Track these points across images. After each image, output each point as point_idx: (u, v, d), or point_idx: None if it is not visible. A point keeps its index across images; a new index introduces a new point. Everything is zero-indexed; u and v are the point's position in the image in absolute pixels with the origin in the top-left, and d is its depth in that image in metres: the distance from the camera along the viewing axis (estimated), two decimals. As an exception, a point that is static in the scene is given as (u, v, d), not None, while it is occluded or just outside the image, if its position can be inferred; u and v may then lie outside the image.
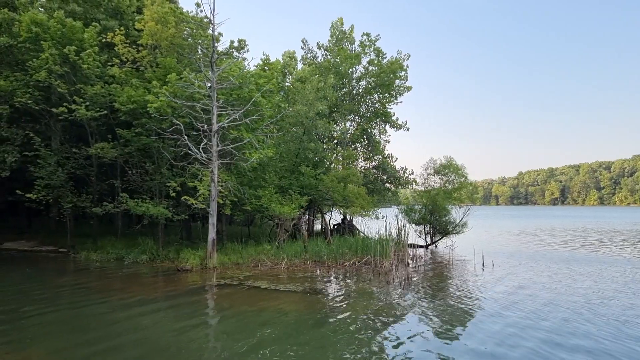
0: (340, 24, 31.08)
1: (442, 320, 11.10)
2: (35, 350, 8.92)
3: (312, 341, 9.52)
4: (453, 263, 21.72)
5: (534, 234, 41.66)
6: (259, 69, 24.84)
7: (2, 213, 32.42)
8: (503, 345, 9.18)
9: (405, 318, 11.39)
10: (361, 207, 24.36)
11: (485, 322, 10.86)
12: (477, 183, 34.35)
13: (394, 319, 11.26)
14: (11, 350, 8.90)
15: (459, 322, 10.93)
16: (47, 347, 9.11)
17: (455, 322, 10.98)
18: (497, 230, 47.26)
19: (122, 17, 27.39)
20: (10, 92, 22.34)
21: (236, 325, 10.70)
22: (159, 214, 20.34)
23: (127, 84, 22.44)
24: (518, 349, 8.92)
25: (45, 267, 20.37)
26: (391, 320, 11.20)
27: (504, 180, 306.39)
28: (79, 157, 23.95)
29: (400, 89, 30.80)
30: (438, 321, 11.06)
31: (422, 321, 11.10)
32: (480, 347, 9.02)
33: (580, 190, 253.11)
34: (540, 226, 54.17)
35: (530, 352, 8.78)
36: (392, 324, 10.81)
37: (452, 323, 10.87)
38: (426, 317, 11.52)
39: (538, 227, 52.83)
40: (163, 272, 18.54)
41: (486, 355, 8.62)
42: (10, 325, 10.58)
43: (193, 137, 20.47)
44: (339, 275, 18.31)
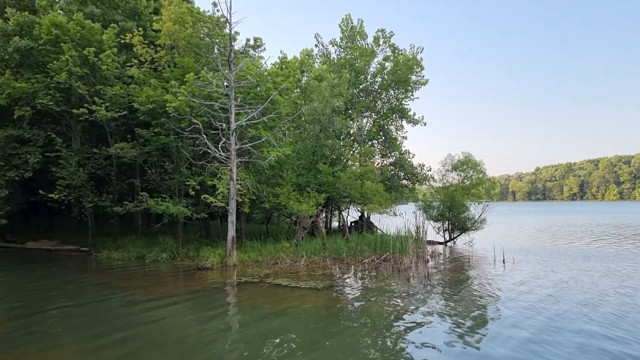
0: (349, 21, 30.97)
1: (464, 319, 10.95)
2: (60, 345, 9.09)
3: (332, 337, 9.51)
4: (473, 260, 21.54)
5: (554, 229, 41.12)
6: (276, 67, 24.88)
7: (25, 213, 32.93)
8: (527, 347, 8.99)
9: (426, 315, 11.29)
10: (379, 204, 24.27)
11: (508, 322, 10.66)
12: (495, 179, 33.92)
13: (414, 316, 11.19)
14: (37, 344, 9.07)
15: (481, 321, 10.79)
16: (70, 342, 9.27)
17: (477, 321, 10.85)
18: (516, 226, 46.74)
19: (140, 18, 27.64)
20: (32, 94, 22.72)
21: (257, 322, 10.74)
22: (179, 212, 20.50)
23: (145, 84, 22.65)
24: (544, 351, 8.72)
25: (67, 265, 20.66)
26: (412, 317, 11.13)
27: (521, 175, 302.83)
28: (99, 157, 24.28)
29: (417, 84, 30.61)
30: (460, 319, 10.92)
31: (444, 319, 10.98)
32: (503, 348, 8.89)
33: (599, 185, 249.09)
34: (559, 222, 53.44)
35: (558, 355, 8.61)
36: (412, 322, 10.74)
37: (474, 322, 10.73)
38: (447, 314, 11.40)
39: (557, 222, 52.12)
40: (184, 270, 18.69)
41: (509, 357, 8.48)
42: (36, 321, 10.77)
43: (211, 136, 20.58)
44: (358, 272, 18.28)
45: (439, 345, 9.01)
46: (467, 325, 10.40)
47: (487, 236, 30.43)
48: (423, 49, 30.20)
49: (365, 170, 25.43)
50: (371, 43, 30.62)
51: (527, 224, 50.96)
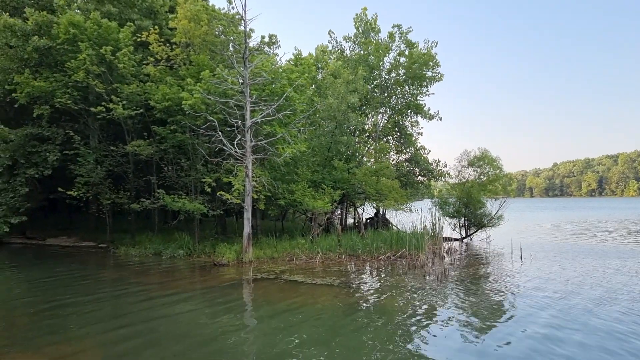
0: (364, 15, 30.74)
1: (482, 316, 10.84)
2: (78, 338, 9.22)
3: (348, 334, 9.50)
4: (490, 256, 21.35)
5: (572, 226, 40.61)
6: (290, 63, 24.88)
7: (45, 210, 33.47)
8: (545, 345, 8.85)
9: (443, 312, 11.21)
10: (394, 200, 24.16)
11: (526, 319, 10.53)
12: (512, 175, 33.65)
13: (430, 313, 11.13)
14: (57, 337, 9.24)
15: (498, 318, 10.66)
16: (89, 335, 9.39)
17: (495, 317, 10.72)
18: (534, 222, 46.24)
19: (156, 16, 27.83)
20: (51, 93, 23.05)
21: (273, 318, 10.77)
22: (195, 209, 20.64)
23: (161, 82, 22.82)
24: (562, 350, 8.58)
25: (86, 261, 20.94)
26: (428, 314, 11.07)
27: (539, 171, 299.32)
28: (116, 155, 24.56)
29: (432, 80, 30.35)
30: (477, 316, 10.82)
31: (460, 316, 10.89)
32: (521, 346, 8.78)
33: (618, 180, 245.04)
34: (578, 218, 52.74)
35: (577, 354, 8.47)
36: (428, 318, 10.68)
37: (491, 319, 10.62)
38: (464, 311, 11.31)
39: (576, 219, 51.44)
40: (200, 267, 18.83)
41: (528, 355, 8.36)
42: (56, 315, 10.94)
43: (227, 133, 20.67)
44: (374, 268, 18.24)
45: (456, 343, 8.93)
46: (484, 322, 10.30)
47: (504, 233, 30.14)
48: (437, 43, 29.91)
49: (380, 166, 25.33)
50: (386, 38, 30.40)
51: (544, 220, 50.38)
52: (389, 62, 30.48)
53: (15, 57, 24.16)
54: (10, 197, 23.91)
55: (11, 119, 25.61)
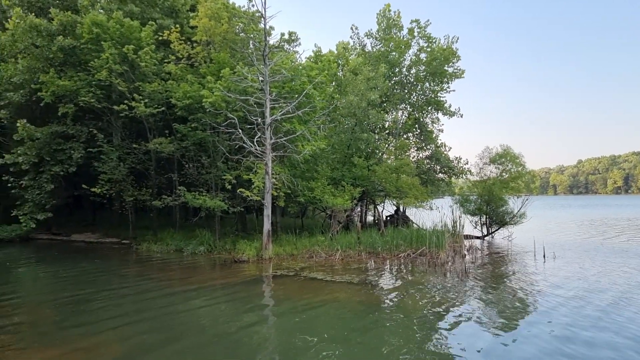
0: (387, 11, 30.49)
1: (503, 316, 10.68)
2: (102, 332, 9.40)
3: (367, 332, 9.48)
4: (512, 254, 21.07)
5: (598, 224, 39.78)
6: (310, 61, 24.88)
7: (69, 207, 34.13)
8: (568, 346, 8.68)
9: (463, 311, 11.10)
10: (415, 198, 24.00)
11: (548, 319, 10.35)
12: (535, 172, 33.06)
13: (451, 312, 11.01)
14: (82, 331, 9.41)
15: (520, 318, 10.50)
16: (112, 329, 9.57)
17: (517, 317, 10.57)
18: (558, 220, 45.44)
19: (177, 15, 28.09)
20: (75, 92, 23.47)
21: (292, 315, 10.80)
22: (216, 206, 20.80)
23: (182, 80, 23.05)
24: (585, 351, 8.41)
25: (110, 257, 21.29)
26: (448, 312, 10.96)
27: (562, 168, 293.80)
28: (138, 152, 24.90)
29: (453, 76, 30.00)
30: (498, 316, 10.68)
31: (481, 314, 10.77)
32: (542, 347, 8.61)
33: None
34: (602, 216, 51.63)
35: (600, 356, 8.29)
36: (449, 317, 10.58)
37: (513, 318, 10.47)
38: (486, 311, 11.17)
39: (601, 217, 50.36)
40: (221, 263, 18.99)
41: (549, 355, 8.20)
42: (81, 310, 11.16)
43: (247, 131, 20.77)
44: (393, 266, 18.16)
45: (476, 342, 8.84)
46: (505, 321, 10.16)
47: (527, 231, 29.70)
48: (458, 39, 29.54)
49: (400, 163, 25.18)
50: (406, 34, 30.15)
51: (568, 218, 49.46)
52: (409, 59, 30.24)
53: (40, 56, 24.65)
54: (36, 193, 24.47)
55: (37, 117, 26.15)
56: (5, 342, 8.80)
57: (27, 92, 24.90)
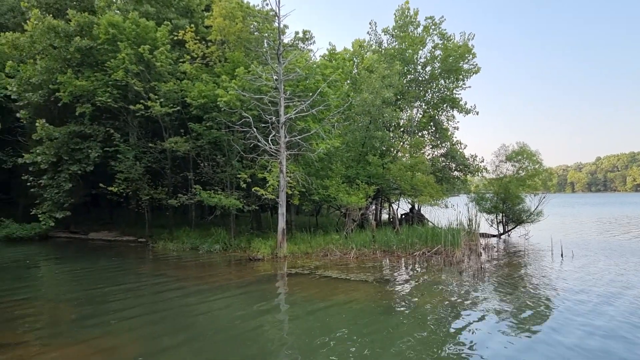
0: (405, 9, 30.31)
1: (520, 316, 10.53)
2: (119, 331, 9.46)
3: (382, 331, 9.44)
4: (529, 253, 20.85)
5: (617, 222, 39.16)
6: (324, 59, 24.86)
7: (87, 205, 34.53)
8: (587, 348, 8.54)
9: (479, 310, 10.99)
10: (430, 196, 23.88)
11: (567, 319, 10.19)
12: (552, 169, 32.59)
13: (466, 311, 10.93)
14: (99, 331, 9.49)
15: (537, 318, 10.37)
16: (129, 329, 9.66)
17: (534, 317, 10.43)
18: (575, 218, 44.83)
19: (192, 15, 28.27)
20: (92, 92, 23.76)
21: (307, 314, 10.80)
22: (231, 205, 20.90)
23: (197, 80, 23.20)
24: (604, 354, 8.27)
25: (127, 255, 21.51)
26: (464, 312, 10.88)
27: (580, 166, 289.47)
28: (154, 151, 25.14)
29: (468, 72, 29.77)
30: (515, 316, 10.54)
31: (497, 314, 10.65)
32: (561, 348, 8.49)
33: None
34: (623, 214, 50.78)
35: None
36: (465, 316, 10.49)
37: (529, 318, 10.34)
38: (502, 310, 11.04)
39: (621, 215, 49.55)
40: (236, 261, 19.08)
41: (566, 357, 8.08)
42: (98, 309, 11.28)
43: (261, 129, 20.84)
44: (408, 265, 18.08)
45: (492, 344, 8.74)
46: (522, 321, 10.05)
47: (544, 229, 29.36)
48: (474, 36, 29.33)
49: (415, 161, 25.07)
50: (420, 32, 29.94)
51: (586, 216, 48.77)
52: (424, 56, 30.06)
53: (58, 57, 24.97)
54: (55, 192, 24.84)
55: (55, 117, 26.51)
56: (25, 340, 8.94)
57: (45, 92, 25.24)
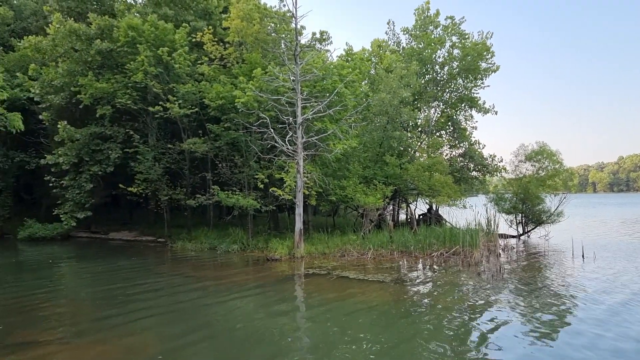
0: (426, 9, 30.10)
1: (539, 316, 10.41)
2: (139, 331, 9.60)
3: (400, 331, 9.42)
4: (549, 254, 20.56)
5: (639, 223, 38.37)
6: (342, 59, 24.85)
7: (107, 206, 34.99)
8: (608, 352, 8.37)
9: (498, 311, 10.87)
10: (448, 196, 23.71)
11: (588, 322, 10.00)
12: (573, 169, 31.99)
13: (485, 313, 10.81)
14: (119, 330, 9.64)
15: (558, 320, 10.19)
16: (148, 328, 9.79)
17: (554, 319, 10.26)
18: (597, 219, 44.03)
19: (210, 17, 28.50)
20: (112, 94, 24.14)
21: (324, 313, 10.83)
22: (248, 205, 21.02)
23: (215, 81, 23.37)
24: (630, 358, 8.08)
25: (146, 255, 21.78)
26: (483, 314, 10.76)
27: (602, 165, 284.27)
28: (173, 152, 25.41)
29: (487, 71, 29.47)
30: (534, 317, 10.41)
31: (517, 316, 10.52)
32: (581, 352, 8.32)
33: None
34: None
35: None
36: (483, 318, 10.38)
37: (550, 320, 10.17)
38: (521, 311, 10.91)
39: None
40: (253, 261, 19.19)
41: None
42: (118, 308, 11.46)
43: (279, 130, 20.91)
44: (426, 265, 17.98)
45: (511, 344, 8.65)
46: (542, 323, 9.91)
47: (565, 229, 28.90)
48: (493, 34, 29.01)
49: (433, 161, 24.92)
50: (439, 32, 29.72)
51: (608, 216, 47.86)
52: (442, 56, 29.83)
53: (79, 60, 25.41)
54: (76, 193, 25.29)
55: (77, 119, 26.96)
56: (48, 337, 9.11)
57: (67, 94, 25.71)
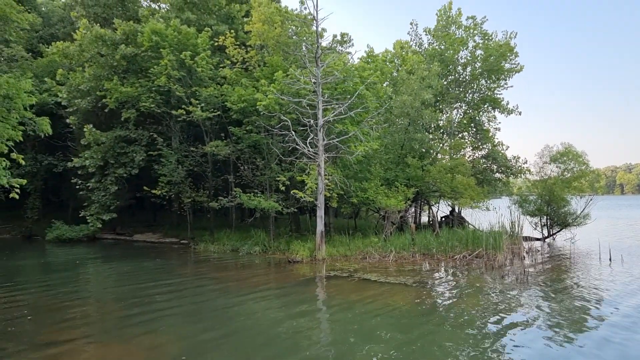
0: (448, 9, 29.87)
1: (564, 321, 10.23)
2: (161, 331, 9.73)
3: (423, 335, 9.35)
4: (574, 257, 20.17)
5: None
6: (363, 61, 24.83)
7: (132, 208, 35.56)
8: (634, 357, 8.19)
9: (522, 315, 10.72)
10: (470, 198, 23.44)
11: (614, 327, 9.80)
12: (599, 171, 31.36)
13: (509, 316, 10.68)
14: (142, 329, 9.80)
15: (583, 324, 10.01)
16: (170, 328, 9.93)
17: (579, 323, 10.08)
18: (625, 221, 43.00)
19: (233, 21, 28.77)
20: (136, 98, 24.54)
21: (346, 315, 10.81)
22: (270, 207, 21.12)
23: (237, 84, 23.59)
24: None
25: (170, 257, 22.06)
26: (506, 317, 10.62)
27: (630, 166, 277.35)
28: (195, 155, 25.71)
29: (510, 72, 29.09)
30: (559, 321, 10.23)
31: (541, 320, 10.35)
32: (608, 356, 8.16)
33: None
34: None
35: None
36: (506, 322, 10.23)
37: (575, 325, 10.00)
38: (545, 315, 10.73)
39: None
40: (275, 263, 19.28)
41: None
42: (142, 308, 11.64)
43: (300, 133, 20.99)
44: (449, 268, 17.81)
45: (535, 349, 8.53)
46: (567, 328, 9.73)
47: (591, 232, 28.32)
48: (517, 34, 28.64)
49: (455, 163, 24.69)
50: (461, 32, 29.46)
51: (637, 219, 46.68)
52: (464, 57, 29.56)
53: (105, 64, 25.93)
54: (102, 195, 25.77)
55: (102, 123, 27.51)
56: (74, 336, 9.32)
57: (93, 98, 26.24)
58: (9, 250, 24.74)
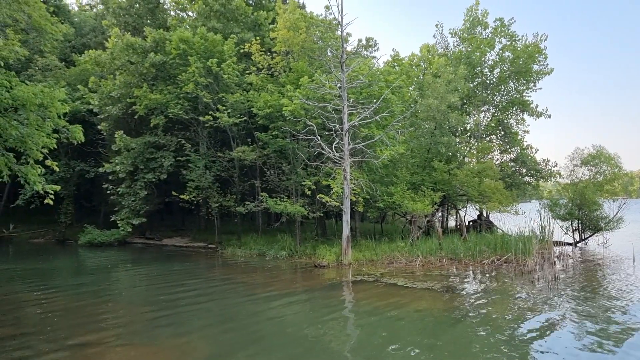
0: (475, 10, 29.48)
1: (597, 330, 9.90)
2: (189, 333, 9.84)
3: (450, 340, 9.24)
4: (607, 262, 19.63)
5: None
6: (388, 65, 24.78)
7: (161, 212, 36.21)
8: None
9: (553, 322, 10.48)
10: (499, 202, 23.06)
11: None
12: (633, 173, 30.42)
13: (539, 323, 10.44)
14: (170, 331, 9.95)
15: (619, 332, 9.71)
16: (198, 330, 10.02)
17: (612, 330, 9.79)
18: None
19: (260, 28, 29.09)
20: (165, 104, 25.02)
21: (372, 320, 10.76)
22: (296, 212, 21.22)
23: (263, 90, 23.82)
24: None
25: (198, 261, 22.37)
26: (537, 323, 10.39)
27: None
28: (223, 160, 26.05)
29: (540, 74, 28.57)
30: (591, 328, 9.95)
31: (573, 326, 10.10)
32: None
33: None
34: None
35: None
36: (536, 328, 10.03)
37: (608, 331, 9.71)
38: (577, 321, 10.46)
39: None
40: (301, 268, 19.34)
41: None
42: (171, 311, 11.82)
43: (325, 137, 21.05)
44: (477, 273, 17.55)
45: (566, 355, 8.33)
46: (598, 334, 9.47)
47: (625, 237, 27.50)
48: (547, 37, 28.12)
49: (483, 167, 24.35)
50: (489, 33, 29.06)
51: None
52: (491, 59, 29.17)
53: (135, 72, 26.55)
54: (132, 200, 26.32)
55: (132, 129, 28.15)
56: (105, 338, 9.53)
57: (123, 105, 26.89)
58: (44, 254, 25.49)
